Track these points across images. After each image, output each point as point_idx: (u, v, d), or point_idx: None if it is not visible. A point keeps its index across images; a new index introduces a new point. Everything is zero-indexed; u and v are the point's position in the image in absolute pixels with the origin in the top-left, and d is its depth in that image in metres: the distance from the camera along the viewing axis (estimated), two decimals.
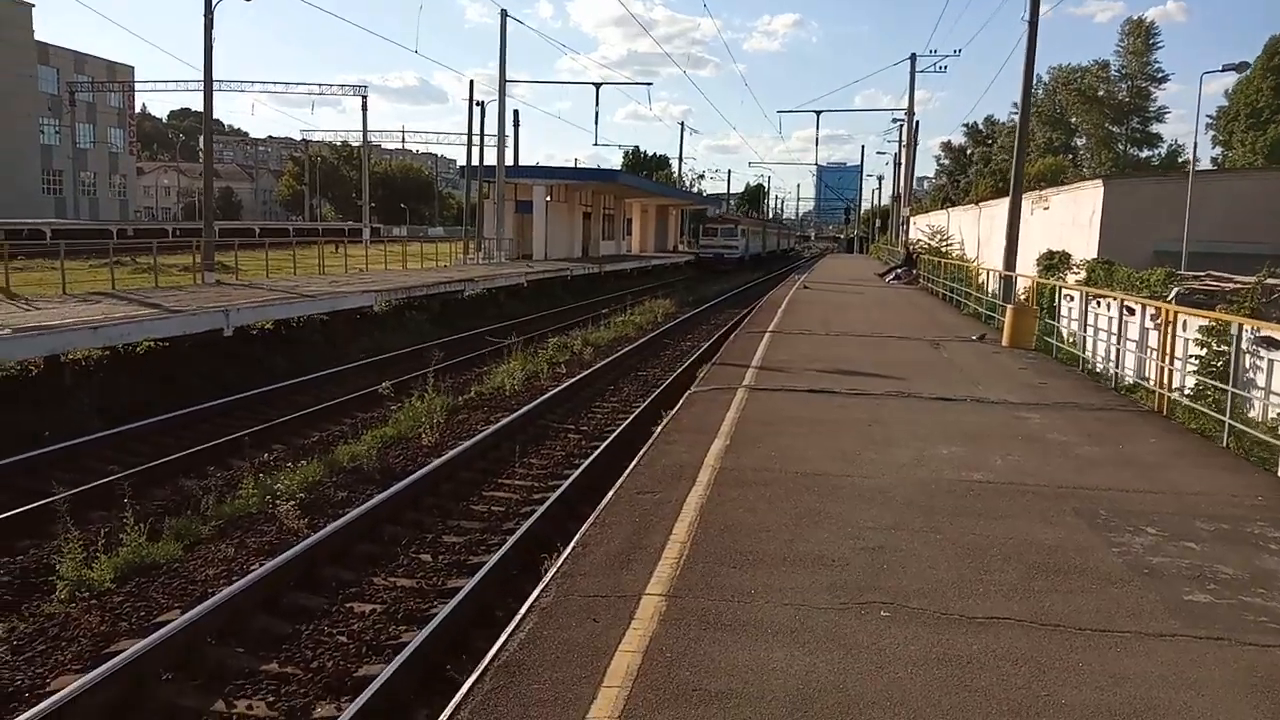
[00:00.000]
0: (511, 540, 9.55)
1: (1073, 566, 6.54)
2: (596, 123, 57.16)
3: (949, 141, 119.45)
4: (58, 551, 8.85)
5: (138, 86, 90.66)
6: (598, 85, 52.12)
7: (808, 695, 4.63)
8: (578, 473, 12.02)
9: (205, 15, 28.68)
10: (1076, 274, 25.22)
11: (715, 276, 60.82)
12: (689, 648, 5.09)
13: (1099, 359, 17.17)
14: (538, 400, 16.48)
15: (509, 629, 5.32)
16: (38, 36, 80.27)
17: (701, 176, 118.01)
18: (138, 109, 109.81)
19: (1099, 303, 18.29)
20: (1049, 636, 5.42)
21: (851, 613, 5.63)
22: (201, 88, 30.03)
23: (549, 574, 6.24)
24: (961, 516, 7.53)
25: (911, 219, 57.13)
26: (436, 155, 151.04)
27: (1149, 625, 5.57)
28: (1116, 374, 16.10)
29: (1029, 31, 25.12)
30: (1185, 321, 13.42)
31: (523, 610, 5.57)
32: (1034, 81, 28.25)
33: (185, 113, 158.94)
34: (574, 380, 18.65)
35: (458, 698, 4.61)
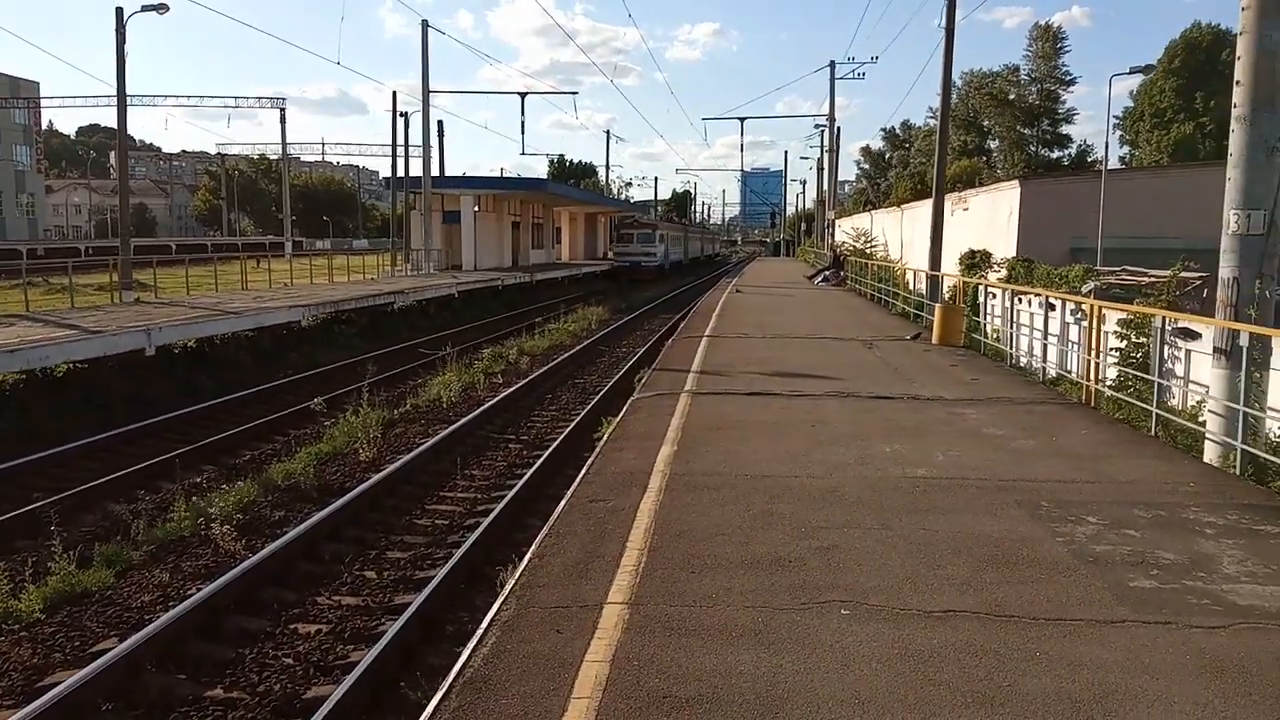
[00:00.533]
0: (458, 554, 9.43)
1: (1020, 558, 6.67)
2: (523, 132, 56.26)
3: (868, 146, 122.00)
4: None
5: (44, 102, 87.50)
6: (523, 95, 51.73)
7: (777, 697, 4.63)
8: (520, 483, 11.94)
9: (117, 31, 27.83)
10: (997, 272, 25.90)
11: (643, 284, 57.45)
12: (656, 654, 5.05)
13: (1023, 354, 17.64)
14: (476, 411, 16.33)
15: (471, 643, 5.22)
16: None
17: (629, 184, 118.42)
18: (44, 125, 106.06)
19: (1022, 299, 18.80)
20: (1005, 627, 5.51)
21: (812, 612, 5.65)
22: (112, 103, 29.15)
23: (507, 586, 6.14)
24: (910, 513, 7.63)
25: (836, 222, 58.05)
26: (358, 167, 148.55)
27: (1099, 613, 5.70)
28: (1043, 368, 16.56)
29: (945, 39, 25.74)
30: (1104, 315, 13.86)
31: (484, 624, 5.47)
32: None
33: (94, 129, 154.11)
34: (511, 390, 18.53)
35: (425, 716, 4.51)
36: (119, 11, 28.27)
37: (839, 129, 57.81)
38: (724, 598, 5.85)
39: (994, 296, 21.07)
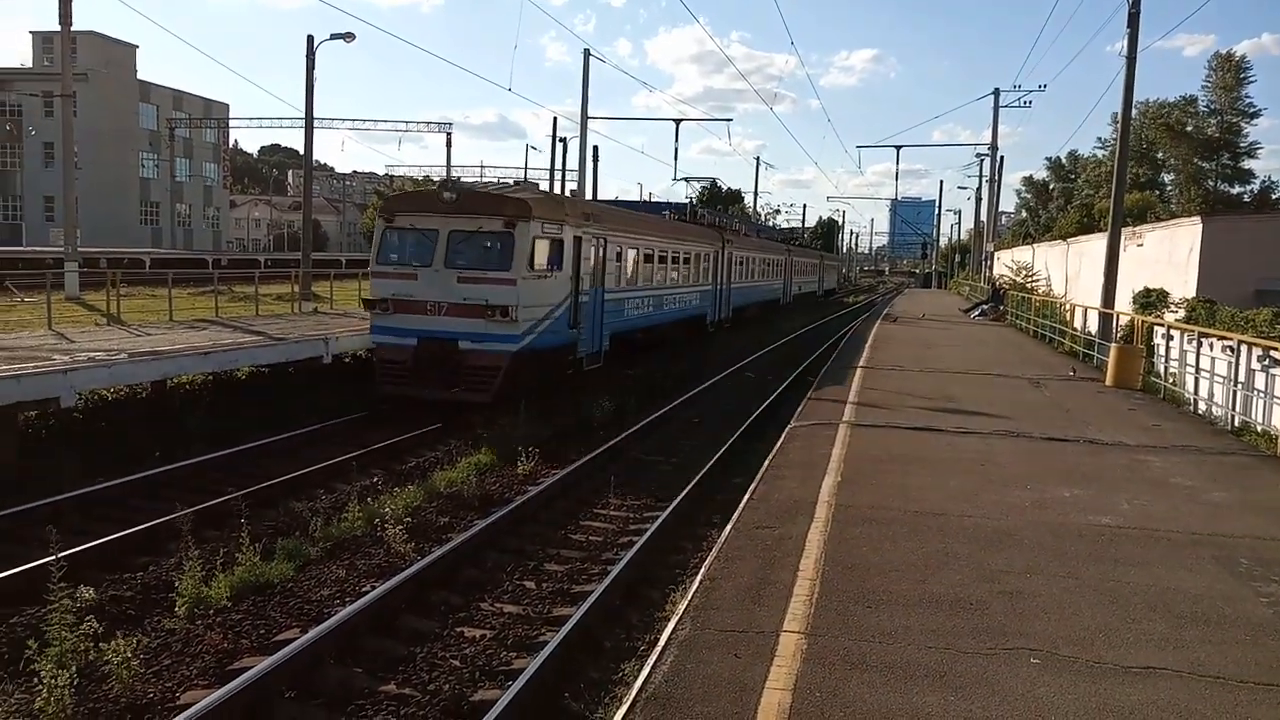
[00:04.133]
0: (615, 570, 9.46)
1: (1223, 616, 6.25)
2: (676, 158, 56.24)
3: (1030, 176, 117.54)
4: (175, 568, 9.06)
5: (232, 123, 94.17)
6: (677, 121, 52.15)
7: None
8: (672, 505, 11.88)
9: (308, 57, 29.67)
10: (1174, 312, 24.46)
11: (801, 310, 49.66)
12: (838, 688, 4.96)
13: (1203, 400, 16.56)
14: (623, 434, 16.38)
15: (651, 660, 5.26)
16: (140, 76, 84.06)
17: (777, 211, 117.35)
18: (231, 144, 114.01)
19: (1206, 343, 17.67)
20: (1210, 689, 5.16)
21: (1000, 658, 5.43)
22: (293, 125, 31.01)
23: (680, 606, 6.16)
24: (1097, 562, 7.26)
25: (995, 254, 56.13)
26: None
27: None
28: (1230, 416, 15.50)
29: (1126, 67, 24.59)
30: None
31: (662, 641, 5.50)
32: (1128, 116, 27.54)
33: (275, 148, 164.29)
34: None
35: None
36: (310, 39, 30.17)
37: (1002, 158, 56.06)
38: (903, 635, 5.70)
39: (1172, 338, 19.88)
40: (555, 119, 75.98)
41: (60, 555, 7.61)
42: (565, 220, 17.94)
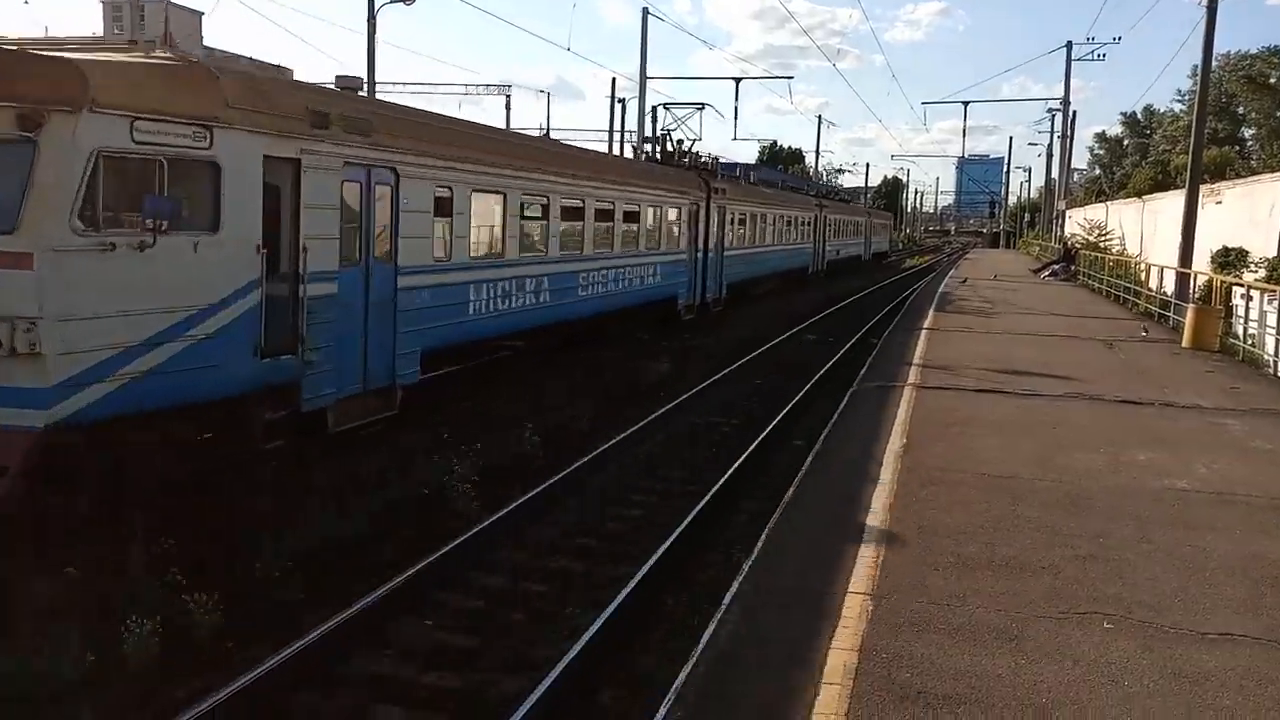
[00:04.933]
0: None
1: None
2: (736, 117, 55.12)
3: (1104, 132, 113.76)
4: None
5: None
6: (738, 80, 51.32)
7: (1041, 707, 4.42)
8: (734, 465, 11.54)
9: (369, 21, 29.84)
10: (1254, 272, 23.59)
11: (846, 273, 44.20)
12: (905, 649, 4.94)
13: None
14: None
15: (715, 619, 5.28)
16: (205, 42, 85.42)
17: (839, 170, 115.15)
18: None
19: None
20: None
21: (1071, 622, 5.36)
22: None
23: (744, 566, 6.18)
24: (1172, 526, 7.10)
25: (1067, 212, 54.61)
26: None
27: None
28: None
29: (1207, 17, 23.58)
30: None
31: (725, 601, 5.53)
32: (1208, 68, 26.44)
33: None
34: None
35: (672, 691, 4.60)
36: (370, 3, 30.31)
37: (1073, 113, 54.36)
38: (971, 598, 5.64)
39: (1251, 298, 19.20)
40: (614, 79, 75.47)
41: None
42: (241, 122, 8.30)
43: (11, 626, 5.92)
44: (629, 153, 44.90)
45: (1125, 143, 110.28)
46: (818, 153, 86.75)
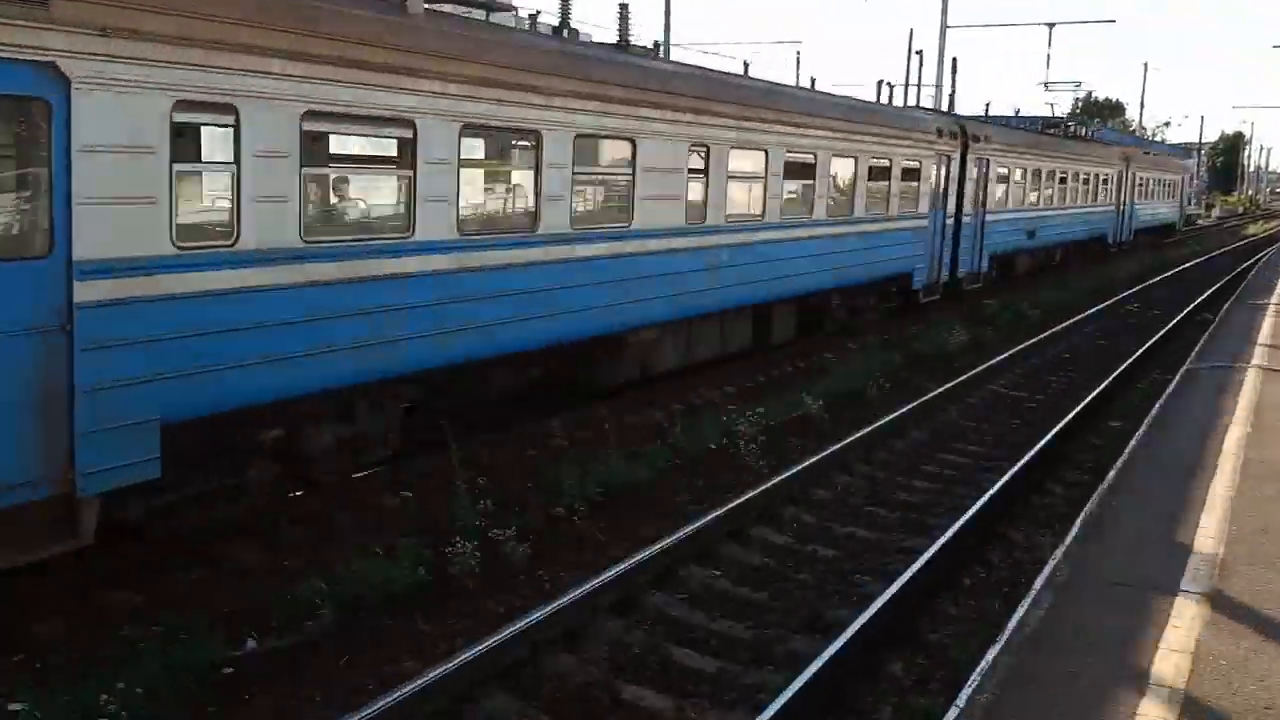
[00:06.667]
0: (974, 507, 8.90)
1: None
2: (1048, 66, 50.38)
3: None
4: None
5: None
6: (1050, 25, 47.22)
7: None
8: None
9: None
10: None
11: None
12: (1247, 659, 4.49)
13: None
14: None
15: (1026, 603, 5.02)
16: None
17: (1167, 124, 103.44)
18: None
19: None
20: None
21: None
22: None
23: (1058, 551, 5.81)
24: None
25: None
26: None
27: None
28: None
29: None
30: None
31: (1037, 585, 5.24)
32: None
33: None
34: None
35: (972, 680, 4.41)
36: None
37: None
38: None
39: None
40: (911, 30, 72.05)
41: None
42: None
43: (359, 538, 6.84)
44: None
45: None
46: (1142, 104, 78.34)
